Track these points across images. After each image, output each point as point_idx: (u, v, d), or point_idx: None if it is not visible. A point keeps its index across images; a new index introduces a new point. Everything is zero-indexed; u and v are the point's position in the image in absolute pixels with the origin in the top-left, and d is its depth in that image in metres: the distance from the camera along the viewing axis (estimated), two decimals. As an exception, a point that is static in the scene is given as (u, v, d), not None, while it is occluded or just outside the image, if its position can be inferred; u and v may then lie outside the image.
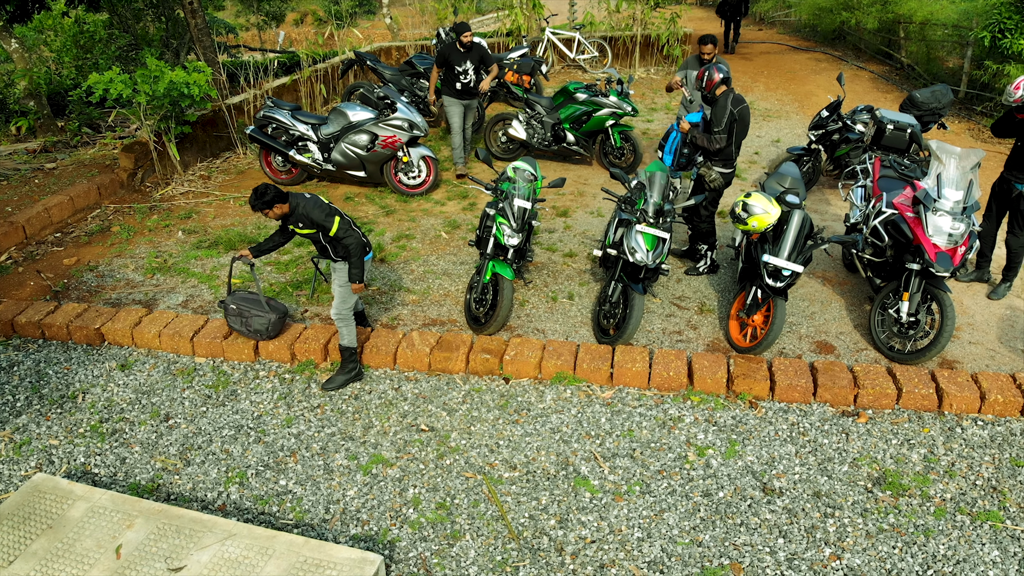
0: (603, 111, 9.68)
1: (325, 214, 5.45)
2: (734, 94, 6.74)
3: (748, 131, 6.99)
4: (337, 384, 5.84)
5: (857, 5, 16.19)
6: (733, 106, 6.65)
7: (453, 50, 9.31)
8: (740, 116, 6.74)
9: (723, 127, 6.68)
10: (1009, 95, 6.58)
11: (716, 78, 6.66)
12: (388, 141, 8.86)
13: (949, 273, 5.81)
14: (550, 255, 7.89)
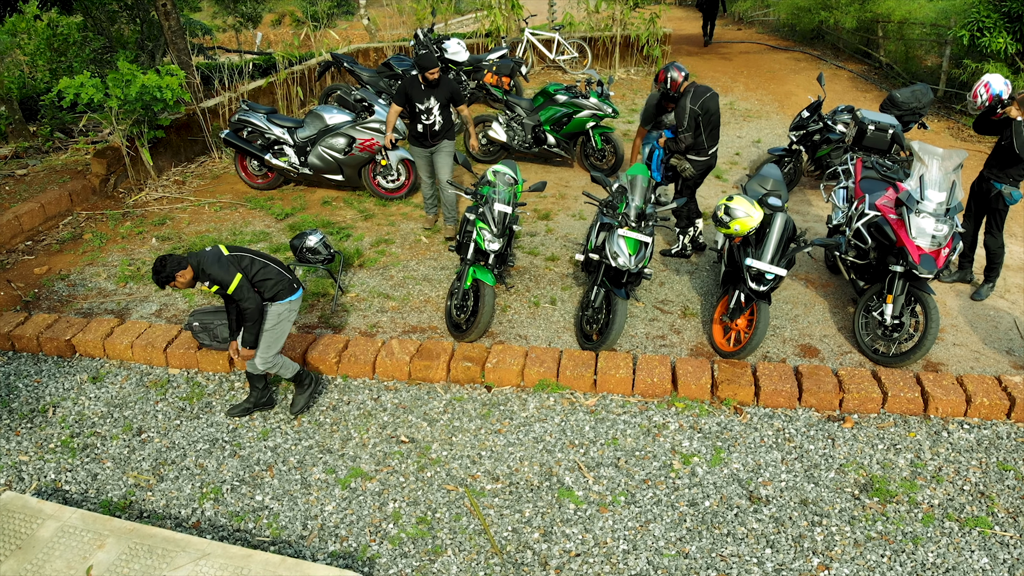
0: (583, 113, 9.60)
1: (224, 269, 4.90)
2: (694, 90, 6.95)
3: (719, 118, 7.12)
4: (302, 405, 5.56)
5: (835, 4, 16.23)
6: (692, 103, 6.88)
7: (415, 84, 7.62)
8: (704, 108, 6.94)
9: (687, 126, 6.96)
10: (971, 104, 6.64)
11: (679, 78, 7.00)
12: (366, 144, 8.72)
13: (933, 275, 5.77)
14: (532, 259, 7.79)
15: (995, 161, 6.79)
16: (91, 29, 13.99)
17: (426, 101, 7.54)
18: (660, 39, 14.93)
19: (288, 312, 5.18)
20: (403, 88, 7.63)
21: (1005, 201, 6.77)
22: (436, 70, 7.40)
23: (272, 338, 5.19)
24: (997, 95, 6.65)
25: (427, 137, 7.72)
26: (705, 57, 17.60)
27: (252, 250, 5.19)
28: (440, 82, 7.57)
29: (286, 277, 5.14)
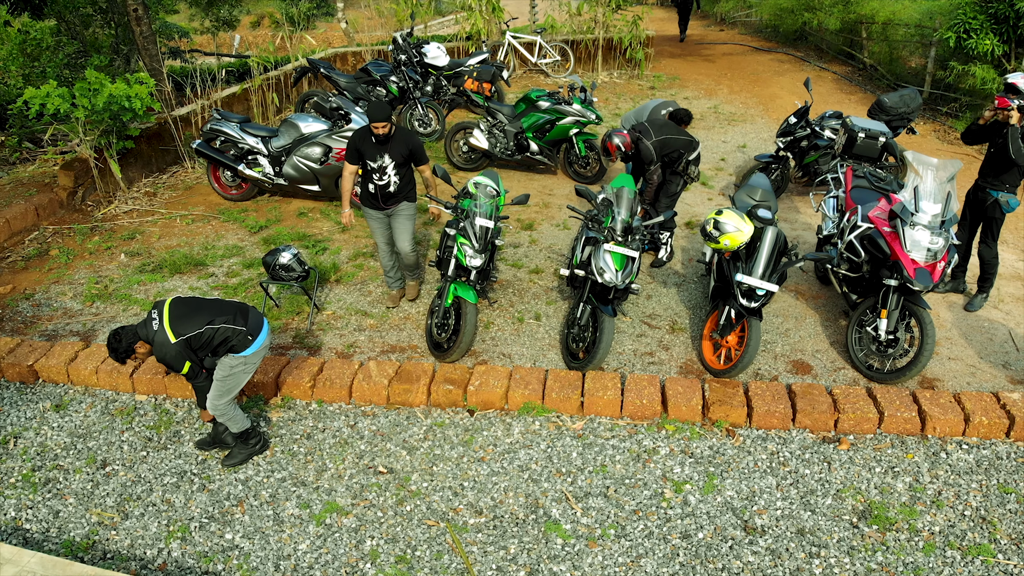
0: (567, 120, 9.39)
1: (174, 357, 4.59)
2: (644, 128, 7.22)
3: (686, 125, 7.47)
4: (238, 460, 5.14)
5: (819, 6, 16.12)
6: (655, 137, 7.16)
7: (365, 139, 6.27)
8: (663, 141, 7.19)
9: (655, 157, 7.20)
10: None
11: (626, 139, 7.24)
12: (342, 154, 8.44)
13: (929, 290, 5.60)
14: (515, 272, 7.56)
15: (989, 168, 6.64)
16: (65, 34, 13.63)
17: (379, 159, 6.20)
18: (643, 41, 14.74)
19: (243, 365, 4.81)
20: (353, 143, 6.32)
21: (1002, 209, 6.61)
22: (386, 124, 6.01)
23: (224, 388, 4.83)
24: None
25: (380, 199, 6.42)
26: (688, 59, 17.44)
27: (205, 304, 4.77)
28: (395, 137, 6.20)
29: (241, 331, 4.71)
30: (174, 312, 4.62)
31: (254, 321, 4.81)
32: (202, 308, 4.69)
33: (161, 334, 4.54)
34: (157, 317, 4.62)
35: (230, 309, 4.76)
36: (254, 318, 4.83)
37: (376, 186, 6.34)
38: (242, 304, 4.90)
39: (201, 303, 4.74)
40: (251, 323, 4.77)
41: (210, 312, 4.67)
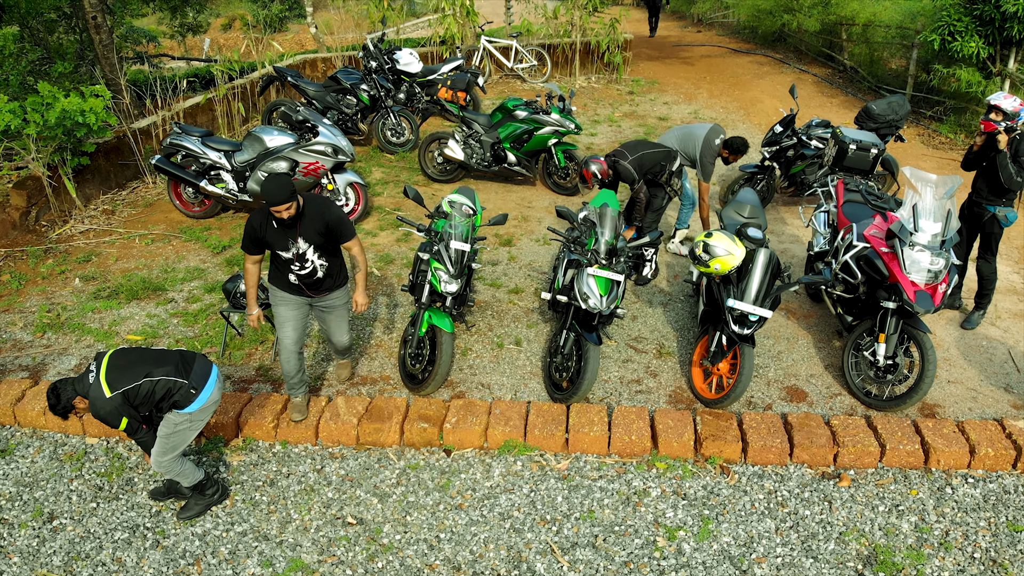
0: (545, 129, 9.04)
1: (108, 411, 4.16)
2: (618, 151, 7.10)
3: (741, 155, 7.40)
4: (194, 512, 4.73)
5: (798, 7, 15.90)
6: (631, 156, 7.00)
7: (266, 224, 4.84)
8: (640, 159, 7.04)
9: (637, 179, 7.06)
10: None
11: (602, 166, 7.06)
12: (310, 168, 8.05)
13: (930, 313, 5.31)
14: (494, 292, 7.20)
15: (983, 183, 6.40)
16: (28, 40, 13.09)
17: (292, 246, 4.84)
18: (621, 45, 14.43)
19: (188, 423, 4.38)
20: (251, 231, 4.81)
21: (1000, 224, 6.37)
22: (290, 205, 4.59)
23: (168, 445, 4.40)
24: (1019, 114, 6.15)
25: (305, 289, 5.11)
26: (666, 62, 17.17)
27: (147, 354, 4.34)
28: (305, 214, 4.81)
29: (183, 385, 4.27)
30: (112, 364, 4.21)
31: (199, 372, 4.37)
32: (142, 359, 4.27)
33: (96, 388, 4.13)
34: (94, 370, 4.21)
35: (171, 359, 4.32)
36: (200, 368, 4.40)
37: (298, 276, 5.00)
38: (188, 353, 4.47)
39: (143, 354, 4.32)
40: (195, 374, 4.33)
41: (150, 363, 4.25)
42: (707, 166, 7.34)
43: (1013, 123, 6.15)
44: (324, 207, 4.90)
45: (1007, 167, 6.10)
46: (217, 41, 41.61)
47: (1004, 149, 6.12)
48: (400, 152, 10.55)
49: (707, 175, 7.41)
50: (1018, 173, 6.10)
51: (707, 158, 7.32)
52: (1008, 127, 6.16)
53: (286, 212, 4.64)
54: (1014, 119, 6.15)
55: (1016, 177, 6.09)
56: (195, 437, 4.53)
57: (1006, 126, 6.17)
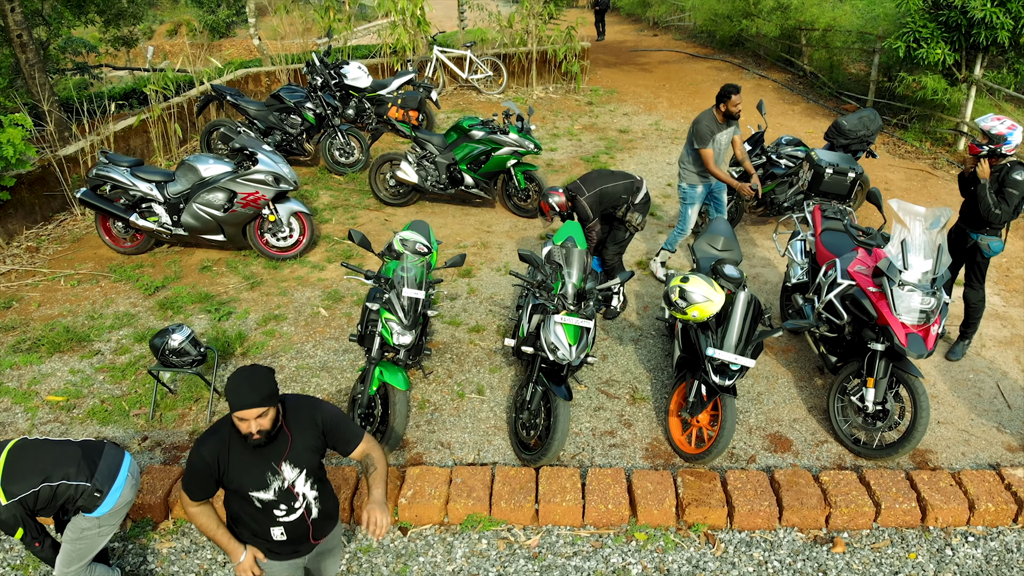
0: (503, 150, 8.54)
1: (2, 520, 3.56)
2: (576, 185, 6.61)
3: (619, 175, 6.70)
4: None
5: (757, 12, 15.63)
6: (588, 191, 6.52)
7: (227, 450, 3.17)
8: (599, 194, 6.55)
9: (591, 218, 6.58)
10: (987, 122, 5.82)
11: (560, 199, 6.58)
12: (249, 199, 7.45)
13: (923, 358, 4.94)
14: (453, 331, 6.69)
15: (967, 211, 6.08)
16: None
17: (273, 478, 3.18)
18: (578, 54, 14.00)
19: (97, 528, 3.77)
20: (199, 465, 3.15)
21: (983, 253, 6.04)
22: (265, 409, 3.02)
23: (74, 554, 3.78)
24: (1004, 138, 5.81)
25: (298, 541, 3.39)
26: (624, 69, 16.79)
27: (48, 450, 3.70)
28: (290, 424, 3.23)
29: (85, 488, 3.65)
30: (10, 463, 3.59)
31: (107, 469, 3.74)
32: (41, 456, 3.64)
33: None
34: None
35: (73, 458, 3.68)
36: (108, 463, 3.77)
37: (286, 526, 3.29)
38: (94, 445, 3.83)
39: (43, 449, 3.70)
40: (102, 473, 3.71)
41: (49, 463, 3.62)
42: (700, 131, 6.73)
43: (998, 147, 5.81)
44: (312, 408, 3.30)
45: (985, 198, 5.82)
46: (163, 48, 40.33)
47: (983, 179, 5.81)
48: (349, 173, 9.97)
49: (700, 139, 6.74)
50: (997, 205, 5.80)
51: (699, 124, 6.77)
52: (991, 151, 5.83)
53: (256, 424, 3.01)
54: (999, 143, 5.81)
55: (994, 209, 5.79)
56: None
57: (988, 150, 5.85)
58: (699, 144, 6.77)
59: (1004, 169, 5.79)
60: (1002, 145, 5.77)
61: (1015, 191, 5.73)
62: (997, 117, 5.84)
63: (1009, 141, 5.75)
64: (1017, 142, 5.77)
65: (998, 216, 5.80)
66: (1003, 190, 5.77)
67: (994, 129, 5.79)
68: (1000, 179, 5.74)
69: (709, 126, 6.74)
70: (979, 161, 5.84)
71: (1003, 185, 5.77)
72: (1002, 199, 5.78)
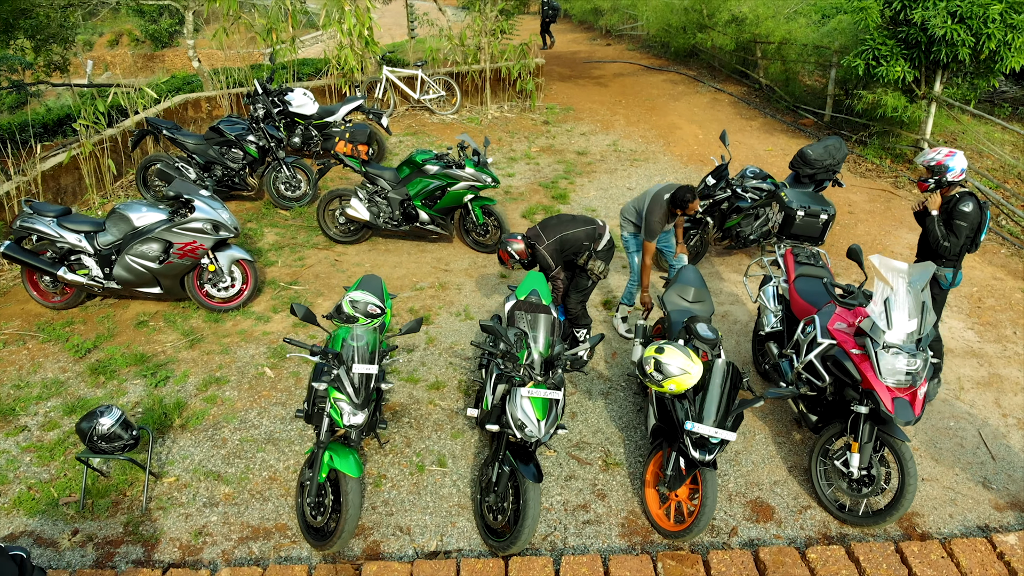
0: (459, 185, 8.14)
1: None
2: (536, 233, 6.22)
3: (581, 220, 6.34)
4: None
5: (712, 24, 15.44)
6: (548, 239, 6.15)
7: None
8: (560, 241, 6.17)
9: (553, 264, 6.18)
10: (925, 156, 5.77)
11: (520, 246, 6.20)
12: (187, 249, 6.93)
13: (911, 424, 4.66)
14: (411, 390, 6.26)
15: (924, 244, 6.00)
16: None
17: None
18: (532, 71, 13.64)
19: None
20: None
21: (940, 285, 5.92)
22: None
23: None
24: (946, 167, 5.68)
25: None
26: (579, 83, 16.49)
27: None
28: None
29: None
30: None
31: None
32: None
33: None
34: None
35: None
36: None
37: None
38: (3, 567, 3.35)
39: None
40: None
41: None
42: (651, 223, 6.41)
43: (942, 177, 5.71)
44: None
45: (934, 230, 5.78)
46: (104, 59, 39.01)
47: (934, 212, 5.78)
48: (296, 207, 9.47)
49: (649, 233, 6.47)
50: (945, 237, 5.73)
51: (652, 215, 6.45)
52: (938, 183, 5.76)
53: None
54: (942, 173, 5.70)
55: (943, 241, 5.74)
56: None
57: (935, 183, 5.78)
58: (646, 236, 6.47)
59: (953, 200, 5.73)
60: (945, 174, 5.71)
61: (963, 223, 5.70)
62: (933, 149, 5.86)
63: (952, 168, 5.71)
64: (961, 167, 5.72)
65: (947, 248, 5.76)
66: (951, 221, 5.68)
67: (932, 161, 5.79)
68: (949, 210, 5.67)
69: (661, 222, 6.44)
70: (930, 194, 5.81)
71: (951, 216, 5.71)
72: (951, 231, 5.72)
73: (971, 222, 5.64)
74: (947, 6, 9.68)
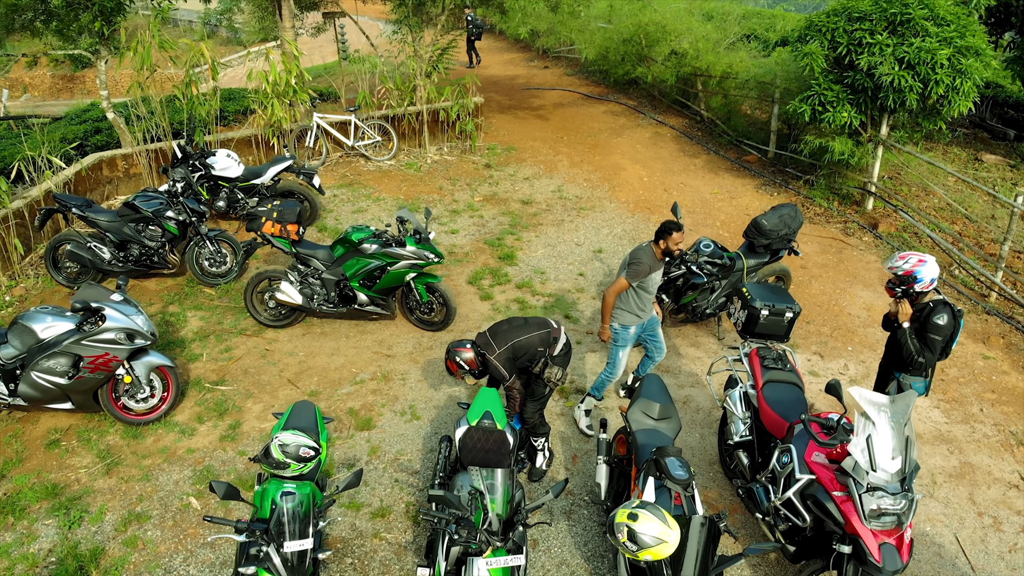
0: (400, 264, 7.60)
1: None
2: (486, 340, 5.71)
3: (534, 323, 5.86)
4: None
5: (651, 58, 15.15)
6: (499, 347, 5.64)
7: None
8: (512, 348, 5.67)
9: (507, 375, 5.66)
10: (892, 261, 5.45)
11: (469, 355, 5.64)
12: (99, 362, 6.25)
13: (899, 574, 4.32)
14: (353, 518, 5.71)
15: (890, 349, 5.71)
16: None
17: None
18: (471, 112, 13.14)
19: None
20: None
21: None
22: None
23: None
24: (914, 277, 5.36)
25: None
26: (519, 115, 16.03)
27: None
28: None
29: None
30: None
31: None
32: None
33: None
34: None
35: None
36: None
37: None
38: None
39: None
40: None
41: None
42: (637, 264, 6.00)
43: (909, 287, 5.38)
44: None
45: (907, 344, 5.43)
46: (22, 80, 37.09)
47: (903, 325, 5.44)
48: (222, 284, 8.78)
49: (633, 273, 6.00)
50: (920, 352, 5.40)
51: (639, 256, 6.04)
52: (905, 291, 5.44)
53: None
54: (910, 283, 5.37)
55: (918, 357, 5.40)
56: None
57: (902, 291, 5.47)
58: (630, 277, 5.99)
59: (926, 310, 5.39)
60: (913, 284, 5.36)
61: (937, 336, 5.36)
62: (902, 255, 5.47)
63: (920, 279, 5.36)
64: (931, 276, 5.37)
65: (922, 364, 5.42)
66: (925, 334, 5.34)
67: (900, 270, 5.44)
68: (921, 320, 5.34)
69: (650, 264, 5.99)
70: (898, 302, 5.48)
71: (924, 328, 5.35)
72: (925, 345, 5.39)
73: (945, 335, 5.33)
74: (894, 52, 9.53)
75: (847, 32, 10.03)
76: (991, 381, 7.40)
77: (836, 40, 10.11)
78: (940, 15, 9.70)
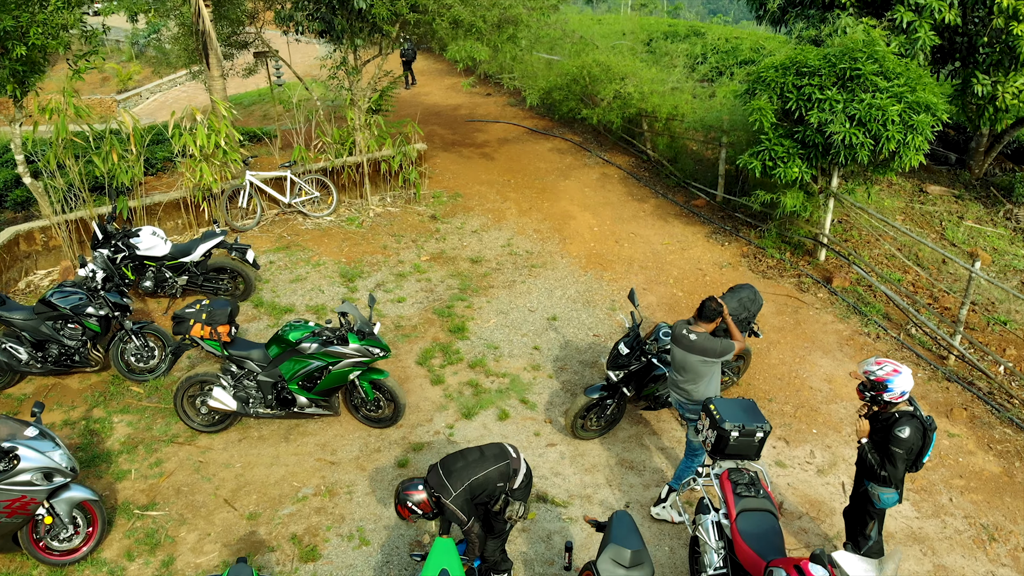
0: (343, 363, 7.12)
1: None
2: (438, 481, 5.24)
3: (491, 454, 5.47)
4: None
5: (597, 94, 14.83)
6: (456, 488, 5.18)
7: None
8: (471, 488, 5.24)
9: (465, 518, 5.22)
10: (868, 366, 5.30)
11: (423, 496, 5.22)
12: (15, 507, 5.65)
13: None
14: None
15: (861, 465, 5.51)
16: None
17: None
18: (415, 160, 12.65)
19: None
20: None
21: (873, 503, 5.47)
22: None
23: None
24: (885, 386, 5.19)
25: None
26: (464, 153, 15.58)
27: None
28: None
29: None
30: None
31: None
32: None
33: None
34: None
35: None
36: None
37: None
38: None
39: None
40: None
41: None
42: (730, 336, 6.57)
43: (879, 395, 5.24)
44: None
45: (867, 458, 5.31)
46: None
47: (862, 441, 5.36)
48: (151, 380, 8.16)
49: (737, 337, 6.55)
50: (882, 466, 5.25)
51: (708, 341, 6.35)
52: (874, 398, 5.31)
53: None
54: (880, 391, 5.23)
55: (879, 471, 5.27)
56: None
57: (870, 397, 5.34)
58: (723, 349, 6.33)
59: (891, 420, 5.23)
60: (883, 392, 5.23)
61: (899, 449, 5.21)
62: (878, 361, 5.35)
63: (891, 388, 5.25)
64: (902, 389, 5.24)
65: (885, 478, 5.28)
66: (887, 446, 5.17)
67: (873, 375, 5.30)
68: (884, 431, 5.22)
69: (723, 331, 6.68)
70: (859, 417, 5.42)
71: (886, 440, 5.19)
72: (887, 458, 5.21)
73: (908, 448, 5.15)
74: (845, 109, 9.38)
75: (796, 87, 9.85)
76: (958, 464, 7.25)
77: (785, 94, 9.93)
78: (889, 68, 9.57)
